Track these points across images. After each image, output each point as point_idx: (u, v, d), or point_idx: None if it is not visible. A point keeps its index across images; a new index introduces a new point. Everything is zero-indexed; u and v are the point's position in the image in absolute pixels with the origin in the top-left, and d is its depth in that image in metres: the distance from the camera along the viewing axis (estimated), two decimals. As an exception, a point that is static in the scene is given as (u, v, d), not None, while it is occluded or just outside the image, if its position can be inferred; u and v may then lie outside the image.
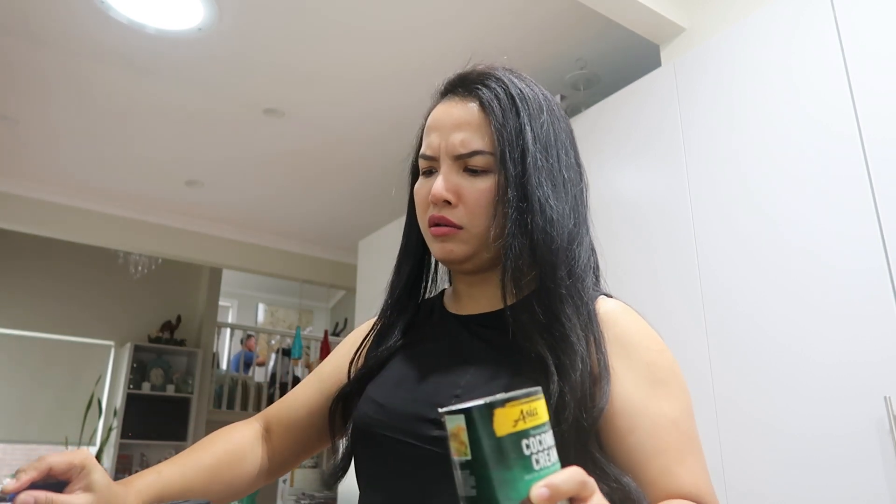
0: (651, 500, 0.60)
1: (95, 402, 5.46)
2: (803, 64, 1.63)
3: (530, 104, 0.71)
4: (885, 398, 1.32)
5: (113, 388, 5.62)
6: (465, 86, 0.73)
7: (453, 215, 0.69)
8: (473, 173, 0.69)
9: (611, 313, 0.68)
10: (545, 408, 0.43)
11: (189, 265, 5.80)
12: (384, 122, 3.18)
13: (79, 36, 2.57)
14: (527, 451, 0.41)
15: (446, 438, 0.42)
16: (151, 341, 5.64)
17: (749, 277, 1.63)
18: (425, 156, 0.73)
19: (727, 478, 1.55)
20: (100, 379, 5.63)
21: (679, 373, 0.67)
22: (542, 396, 0.43)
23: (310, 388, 0.85)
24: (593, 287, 0.73)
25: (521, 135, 0.68)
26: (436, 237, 0.71)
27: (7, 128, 3.32)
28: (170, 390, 5.51)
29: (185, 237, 4.52)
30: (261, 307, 8.03)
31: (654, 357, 0.66)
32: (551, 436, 0.42)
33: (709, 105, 1.84)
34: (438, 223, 0.70)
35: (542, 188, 0.67)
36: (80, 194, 4.11)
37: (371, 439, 0.71)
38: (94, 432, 5.45)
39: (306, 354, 6.45)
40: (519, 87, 0.72)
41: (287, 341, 6.38)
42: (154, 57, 2.70)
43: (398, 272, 0.81)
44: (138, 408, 5.33)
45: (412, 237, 0.80)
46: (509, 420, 0.41)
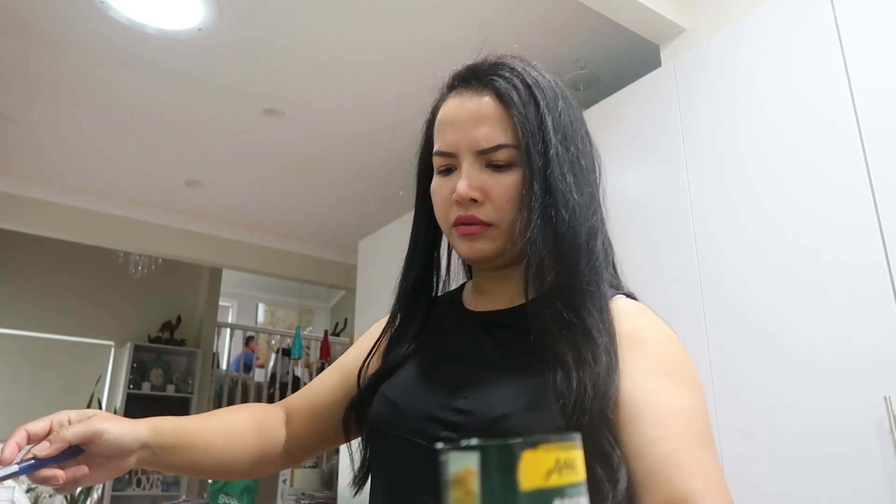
0: (654, 494, 0.56)
1: (95, 402, 5.45)
2: (803, 64, 1.63)
3: (546, 93, 0.68)
4: (885, 398, 1.32)
5: (113, 388, 5.62)
6: (478, 77, 0.70)
7: (482, 213, 0.67)
8: (497, 168, 0.67)
9: (622, 311, 0.67)
10: (583, 460, 0.32)
11: (189, 265, 5.80)
12: (384, 122, 3.18)
13: (79, 36, 2.57)
14: None
15: (457, 440, 0.30)
16: (151, 341, 5.64)
17: (749, 277, 1.63)
18: (442, 153, 0.70)
19: (726, 478, 1.55)
20: (100, 379, 5.62)
21: (693, 371, 0.64)
22: (580, 446, 0.32)
23: (330, 380, 0.84)
24: (612, 283, 0.72)
25: (542, 125, 0.66)
26: (464, 237, 0.69)
27: (6, 128, 3.32)
28: (170, 390, 5.51)
29: (185, 237, 4.51)
30: (261, 307, 8.03)
31: (664, 351, 0.64)
32: (588, 500, 0.31)
33: (709, 105, 1.84)
34: (467, 222, 0.68)
35: (566, 180, 0.66)
36: (80, 194, 4.10)
37: (384, 438, 0.70)
38: (94, 432, 5.43)
39: (306, 354, 6.44)
40: (534, 76, 0.69)
41: (287, 341, 6.38)
42: (154, 57, 2.70)
43: (406, 273, 0.78)
44: (138, 408, 5.33)
45: (420, 237, 0.78)
46: (541, 470, 0.29)
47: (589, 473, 0.50)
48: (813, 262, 1.51)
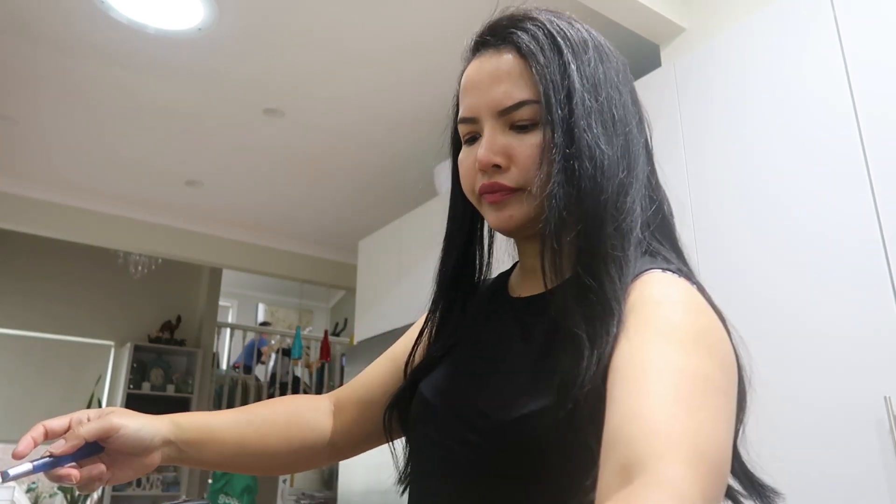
0: (609, 460, 0.44)
1: (95, 402, 5.45)
2: (804, 64, 1.63)
3: (573, 41, 0.63)
4: (885, 398, 1.32)
5: (113, 388, 5.61)
6: (497, 34, 0.65)
7: (507, 178, 0.62)
8: (522, 129, 0.62)
9: (643, 283, 0.57)
10: None
11: (189, 265, 5.80)
12: (384, 122, 3.18)
13: (79, 36, 2.57)
14: None
15: (481, 443, 0.25)
16: (151, 341, 5.64)
17: (749, 278, 1.63)
18: (465, 119, 0.65)
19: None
20: (100, 379, 5.62)
21: (711, 339, 0.52)
22: None
23: (383, 368, 0.80)
24: (651, 250, 0.63)
25: (567, 75, 0.60)
26: (491, 205, 0.63)
27: (6, 128, 3.32)
28: (170, 390, 5.50)
29: (185, 237, 4.51)
30: (261, 307, 8.03)
31: (672, 314, 0.53)
32: None
33: (709, 105, 1.84)
34: (492, 190, 0.62)
35: (592, 130, 0.59)
36: (80, 194, 4.10)
37: (418, 437, 0.69)
38: (94, 432, 5.44)
39: (306, 354, 6.44)
40: (558, 25, 0.64)
41: (287, 341, 6.38)
42: (154, 57, 2.70)
43: (445, 259, 0.73)
44: (138, 408, 5.13)
45: (458, 217, 0.72)
46: None
47: (587, 450, 0.49)
48: (813, 263, 1.51)
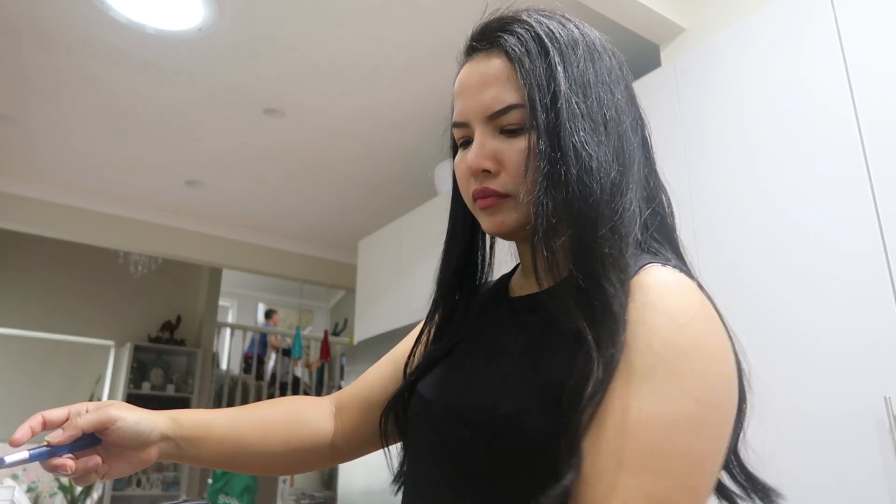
0: None
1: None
2: (804, 63, 1.63)
3: (562, 42, 0.63)
4: (885, 398, 1.32)
5: (113, 389, 5.62)
6: (487, 37, 0.65)
7: (496, 184, 0.62)
8: (511, 133, 0.62)
9: (639, 287, 0.55)
10: None
11: (189, 265, 5.80)
12: (384, 122, 3.18)
13: (79, 36, 2.57)
14: None
15: (473, 440, 0.27)
16: (151, 341, 5.64)
17: (749, 278, 1.63)
18: (457, 123, 0.66)
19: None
20: (100, 379, 5.62)
21: (696, 364, 0.51)
22: None
23: (385, 370, 0.81)
24: (650, 248, 0.63)
25: (552, 78, 0.60)
26: (483, 210, 0.64)
27: (6, 127, 3.32)
28: (170, 390, 5.51)
29: (185, 237, 4.51)
30: (261, 307, 8.03)
31: (654, 340, 0.52)
32: None
33: (709, 105, 1.84)
34: (484, 195, 0.63)
35: (578, 134, 0.59)
36: (80, 194, 4.11)
37: (415, 435, 0.69)
38: (94, 432, 5.44)
39: (306, 354, 6.44)
40: (548, 26, 0.64)
41: (287, 341, 6.38)
42: (154, 57, 2.70)
43: (446, 260, 0.73)
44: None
45: (458, 218, 0.73)
46: None
47: (576, 448, 0.50)
48: (813, 263, 1.51)
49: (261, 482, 4.54)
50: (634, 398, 0.50)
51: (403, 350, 0.80)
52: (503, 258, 0.76)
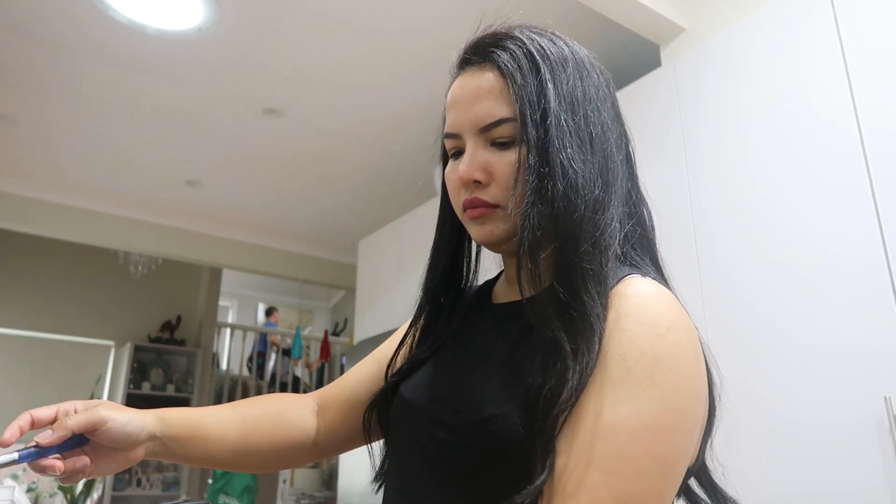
0: None
1: (95, 402, 5.45)
2: (804, 63, 1.63)
3: (552, 59, 0.65)
4: (885, 398, 1.32)
5: (113, 389, 5.62)
6: (480, 52, 0.67)
7: (486, 194, 0.64)
8: (502, 146, 0.64)
9: (619, 296, 0.58)
10: None
11: (189, 265, 5.80)
12: (384, 122, 3.18)
13: (78, 36, 2.57)
14: None
15: (453, 442, 0.28)
16: (151, 341, 5.64)
17: (749, 277, 1.63)
18: (449, 134, 0.67)
19: (727, 480, 1.55)
20: (100, 379, 5.62)
21: (667, 375, 0.53)
22: None
23: (368, 370, 0.82)
24: (632, 262, 0.65)
25: (543, 94, 0.62)
26: (473, 220, 0.66)
27: (6, 128, 3.32)
28: (170, 390, 5.51)
29: (185, 237, 4.52)
30: (261, 307, 8.04)
31: (630, 348, 0.54)
32: None
33: (709, 105, 1.84)
34: (473, 205, 0.65)
35: (566, 150, 0.61)
36: (80, 194, 4.11)
37: (396, 436, 0.70)
38: (94, 432, 5.44)
39: (306, 354, 6.45)
40: (539, 44, 0.66)
41: (287, 341, 6.38)
42: (154, 57, 2.70)
43: (433, 266, 0.75)
44: (138, 408, 5.32)
45: (446, 226, 0.75)
46: None
47: (552, 452, 0.52)
48: (813, 262, 1.51)
49: (261, 482, 4.54)
50: (608, 402, 0.52)
51: (387, 351, 0.82)
52: (488, 265, 0.78)
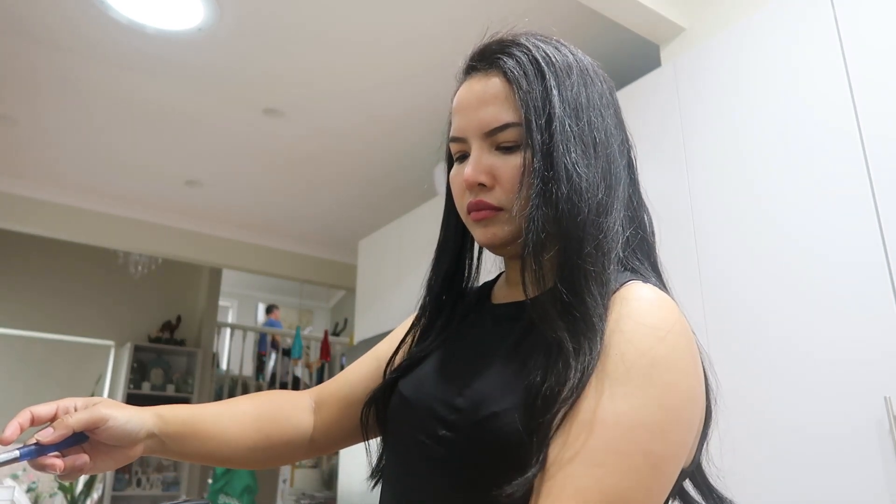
0: None
1: (95, 402, 5.45)
2: (803, 64, 1.63)
3: (557, 66, 0.66)
4: (885, 398, 1.32)
5: (113, 389, 5.62)
6: (486, 58, 0.69)
7: (491, 197, 0.65)
8: (507, 150, 0.65)
9: (620, 300, 0.59)
10: None
11: (189, 265, 5.80)
12: (384, 122, 3.18)
13: (79, 36, 2.57)
14: None
15: (453, 439, 0.28)
16: (151, 341, 5.64)
17: (749, 277, 1.63)
18: (454, 138, 0.69)
19: (726, 482, 1.55)
20: (100, 379, 5.62)
21: (664, 374, 0.55)
22: None
23: (366, 367, 0.83)
24: (632, 267, 0.67)
25: (548, 100, 0.64)
26: (477, 222, 0.67)
27: (6, 128, 3.32)
28: (170, 390, 5.51)
29: (185, 237, 4.52)
30: (261, 307, 8.04)
31: (630, 346, 0.55)
32: None
33: (709, 105, 1.84)
34: (478, 208, 0.66)
35: (570, 155, 0.62)
36: (80, 194, 4.11)
37: (395, 433, 0.70)
38: (94, 432, 5.45)
39: (306, 354, 6.45)
40: (544, 51, 0.67)
41: (287, 341, 6.38)
42: (154, 57, 2.70)
43: (436, 266, 0.77)
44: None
45: (450, 227, 0.76)
46: None
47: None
48: (813, 262, 1.51)
49: (261, 482, 4.54)
50: (605, 399, 0.53)
51: (386, 349, 0.82)
52: (487, 268, 0.79)
